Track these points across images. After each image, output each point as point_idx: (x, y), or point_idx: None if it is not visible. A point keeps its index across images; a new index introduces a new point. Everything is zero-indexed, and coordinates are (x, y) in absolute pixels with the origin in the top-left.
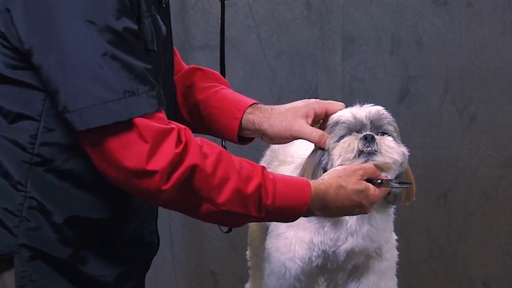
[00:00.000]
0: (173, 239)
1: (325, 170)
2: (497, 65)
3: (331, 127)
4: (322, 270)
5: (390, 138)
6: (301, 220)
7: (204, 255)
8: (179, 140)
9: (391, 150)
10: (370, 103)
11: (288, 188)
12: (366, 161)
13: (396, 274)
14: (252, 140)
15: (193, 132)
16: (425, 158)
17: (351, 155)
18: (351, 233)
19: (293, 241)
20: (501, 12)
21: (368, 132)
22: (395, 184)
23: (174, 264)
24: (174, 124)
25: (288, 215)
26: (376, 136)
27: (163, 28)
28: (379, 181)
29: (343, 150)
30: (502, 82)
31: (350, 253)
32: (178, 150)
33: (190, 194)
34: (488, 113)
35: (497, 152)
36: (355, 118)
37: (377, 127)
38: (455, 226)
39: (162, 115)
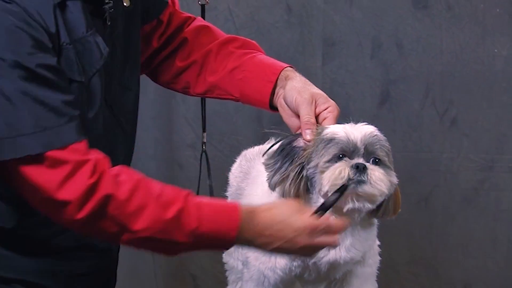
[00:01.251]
0: None
1: (307, 181)
2: (477, 69)
3: (325, 143)
4: (300, 279)
5: (381, 171)
6: None
7: (185, 258)
8: (94, 171)
9: (381, 182)
10: (353, 110)
11: (214, 211)
12: (354, 189)
13: (376, 280)
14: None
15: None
16: (405, 161)
17: (340, 182)
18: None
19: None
20: (481, 15)
21: (360, 161)
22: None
23: (154, 267)
24: (92, 155)
25: (219, 241)
26: (368, 165)
27: (104, 49)
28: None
29: (333, 176)
30: (483, 86)
31: (334, 265)
32: (91, 181)
33: (107, 223)
34: (469, 116)
35: (478, 155)
36: (349, 140)
37: (370, 153)
38: (436, 229)
39: (80, 146)
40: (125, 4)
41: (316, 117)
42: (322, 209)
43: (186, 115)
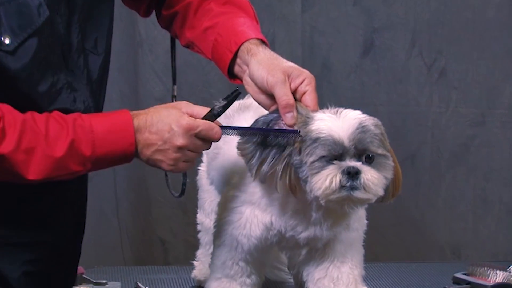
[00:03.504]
0: (118, 204)
1: (296, 170)
2: (468, 16)
3: (310, 141)
4: (279, 245)
5: (374, 172)
6: (262, 200)
7: (153, 221)
8: None
9: (375, 186)
10: (334, 58)
11: (107, 130)
12: (347, 195)
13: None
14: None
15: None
16: (390, 116)
17: (332, 191)
18: (314, 223)
19: (249, 219)
20: None
21: (351, 163)
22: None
23: (120, 231)
24: None
25: (118, 159)
26: (360, 168)
27: (43, 11)
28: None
29: (324, 185)
30: (473, 35)
31: (313, 239)
32: None
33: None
34: (459, 67)
35: (468, 109)
36: (335, 141)
37: (361, 151)
38: (423, 189)
39: None
40: None
41: (293, 93)
42: (210, 116)
43: (154, 66)
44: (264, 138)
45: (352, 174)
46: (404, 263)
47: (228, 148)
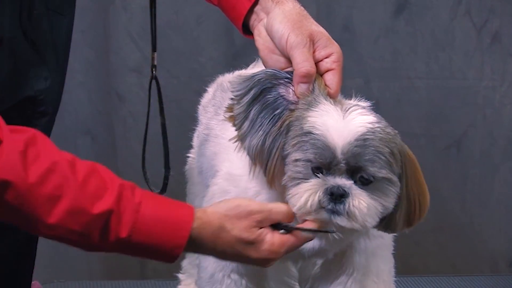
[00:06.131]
0: None
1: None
2: None
3: (299, 135)
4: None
5: (365, 199)
6: (258, 197)
7: None
8: None
9: (362, 216)
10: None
11: (158, 221)
12: (327, 219)
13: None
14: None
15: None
16: (430, 92)
17: (310, 211)
18: (319, 236)
19: None
20: None
21: (340, 181)
22: (310, 231)
23: None
24: None
25: (158, 256)
26: (348, 189)
27: None
28: (284, 224)
29: (302, 201)
30: None
31: (321, 251)
32: None
33: (8, 213)
34: None
35: None
36: (326, 147)
37: (356, 168)
38: (471, 185)
39: None
40: None
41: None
42: (285, 228)
43: (129, 28)
44: (265, 98)
45: (336, 196)
46: (446, 277)
47: (220, 129)
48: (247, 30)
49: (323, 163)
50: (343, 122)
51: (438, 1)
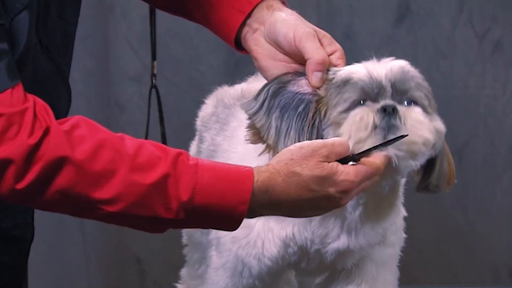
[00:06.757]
0: None
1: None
2: None
3: (338, 86)
4: (296, 268)
5: (418, 110)
6: None
7: (126, 236)
8: (33, 127)
9: (420, 125)
10: (368, 26)
11: (218, 179)
12: (384, 139)
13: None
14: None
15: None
16: None
17: (365, 134)
18: (348, 228)
19: (261, 235)
20: None
21: (388, 102)
22: (378, 147)
23: (86, 248)
24: (29, 103)
25: (223, 218)
26: (399, 107)
27: None
28: (351, 155)
29: (354, 127)
30: None
31: (344, 253)
32: (32, 141)
33: (62, 195)
34: None
35: None
36: (371, 78)
37: (401, 93)
38: (474, 194)
39: (14, 92)
40: None
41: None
42: (347, 160)
43: (129, 36)
44: (282, 100)
45: (389, 111)
46: (447, 287)
47: (229, 145)
48: (237, 44)
49: (370, 95)
50: (379, 64)
51: (439, 9)
